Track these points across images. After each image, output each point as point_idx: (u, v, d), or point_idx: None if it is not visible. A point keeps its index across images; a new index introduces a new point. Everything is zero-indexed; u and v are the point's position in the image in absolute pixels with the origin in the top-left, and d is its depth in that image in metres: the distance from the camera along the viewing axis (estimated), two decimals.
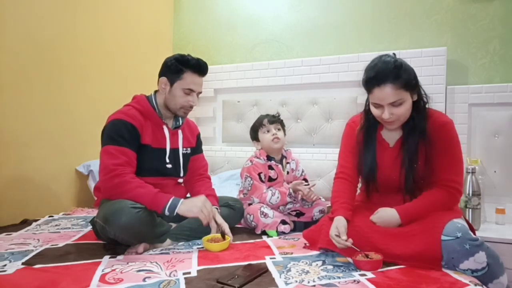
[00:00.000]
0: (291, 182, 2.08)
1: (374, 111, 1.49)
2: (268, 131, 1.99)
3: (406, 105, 1.44)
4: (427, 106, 1.52)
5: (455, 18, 2.35)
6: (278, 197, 1.87)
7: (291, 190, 1.87)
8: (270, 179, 1.99)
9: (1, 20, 2.00)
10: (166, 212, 1.50)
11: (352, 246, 1.38)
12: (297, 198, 1.91)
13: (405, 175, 1.50)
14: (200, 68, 1.71)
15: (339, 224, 1.44)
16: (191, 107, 1.74)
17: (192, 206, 1.53)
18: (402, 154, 1.52)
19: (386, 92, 1.41)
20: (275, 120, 2.02)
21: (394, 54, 1.50)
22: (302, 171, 2.12)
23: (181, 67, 1.68)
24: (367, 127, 1.58)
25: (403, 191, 1.53)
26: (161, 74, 1.72)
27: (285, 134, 2.06)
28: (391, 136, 1.58)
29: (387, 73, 1.41)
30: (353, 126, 1.65)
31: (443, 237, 1.30)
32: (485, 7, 2.28)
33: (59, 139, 2.31)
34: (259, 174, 1.95)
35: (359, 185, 1.74)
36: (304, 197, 1.88)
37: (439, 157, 1.47)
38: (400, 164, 1.52)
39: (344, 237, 1.40)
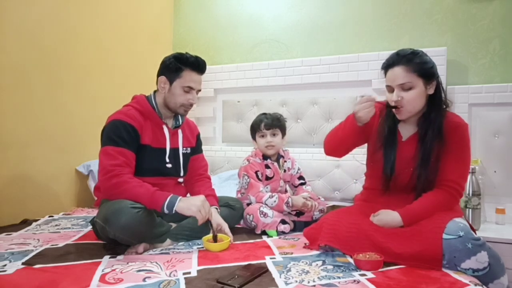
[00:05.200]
0: (287, 180, 2.10)
1: (387, 96, 1.52)
2: (263, 136, 2.00)
3: (416, 92, 1.45)
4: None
5: (455, 18, 2.35)
6: (275, 201, 1.87)
7: (290, 200, 1.86)
8: (267, 178, 2.00)
9: (1, 20, 2.00)
10: (165, 210, 1.50)
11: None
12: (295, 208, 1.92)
13: (418, 172, 1.49)
14: (199, 65, 1.71)
15: None
16: (191, 105, 1.74)
17: (190, 205, 1.52)
18: (418, 149, 1.51)
19: (396, 73, 1.46)
20: (273, 125, 1.99)
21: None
22: (298, 169, 2.13)
23: (180, 65, 1.68)
24: (391, 120, 1.57)
25: (410, 190, 1.52)
26: (159, 73, 1.72)
27: (284, 135, 2.06)
28: (405, 130, 1.58)
29: (401, 56, 1.47)
30: None
31: (445, 236, 1.30)
32: (485, 7, 2.28)
33: (59, 139, 2.31)
34: (256, 173, 1.96)
35: (363, 183, 1.74)
36: (306, 211, 1.90)
37: (447, 157, 1.47)
38: (413, 160, 1.51)
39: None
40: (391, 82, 1.48)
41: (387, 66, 1.50)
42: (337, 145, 1.65)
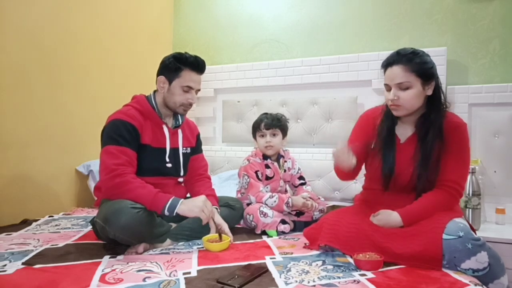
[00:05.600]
0: (288, 180, 2.10)
1: (385, 94, 1.52)
2: (262, 136, 2.00)
3: (414, 92, 1.45)
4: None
5: (455, 18, 2.35)
6: (275, 201, 1.87)
7: (290, 200, 1.86)
8: (267, 178, 2.00)
9: (1, 20, 2.00)
10: (166, 212, 1.50)
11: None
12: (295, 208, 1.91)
13: (418, 173, 1.49)
14: (198, 65, 1.71)
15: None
16: (191, 104, 1.74)
17: (192, 206, 1.52)
18: (418, 150, 1.51)
19: (395, 72, 1.46)
20: (273, 125, 1.99)
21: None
22: (298, 169, 2.13)
23: (179, 65, 1.68)
24: (389, 121, 1.58)
25: (410, 190, 1.52)
26: (159, 73, 1.72)
27: (285, 136, 2.06)
28: (403, 132, 1.58)
29: (402, 55, 1.47)
30: (364, 118, 1.68)
31: (445, 236, 1.30)
32: (485, 7, 2.28)
33: (59, 139, 2.31)
34: (256, 172, 1.96)
35: (362, 183, 1.74)
36: (306, 211, 1.90)
37: (446, 157, 1.47)
38: (413, 161, 1.51)
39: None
40: (390, 81, 1.49)
41: (387, 64, 1.50)
42: (345, 176, 1.68)
